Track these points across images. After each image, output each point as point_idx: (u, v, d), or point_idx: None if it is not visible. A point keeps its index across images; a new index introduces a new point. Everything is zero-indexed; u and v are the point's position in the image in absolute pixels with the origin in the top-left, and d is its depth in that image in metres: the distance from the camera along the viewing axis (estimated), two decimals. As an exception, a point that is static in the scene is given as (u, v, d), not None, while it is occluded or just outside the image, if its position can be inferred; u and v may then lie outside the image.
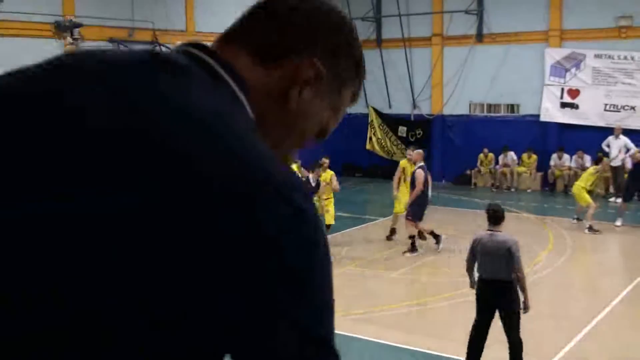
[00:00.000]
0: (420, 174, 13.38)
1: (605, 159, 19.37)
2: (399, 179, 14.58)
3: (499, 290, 7.37)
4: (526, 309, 7.48)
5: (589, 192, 16.02)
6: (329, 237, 15.77)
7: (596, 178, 16.47)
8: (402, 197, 14.18)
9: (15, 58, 12.01)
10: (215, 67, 1.13)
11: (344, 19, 1.32)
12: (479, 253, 7.49)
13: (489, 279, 7.39)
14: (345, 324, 9.62)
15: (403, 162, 14.96)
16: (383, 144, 23.96)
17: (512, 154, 21.59)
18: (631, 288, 11.32)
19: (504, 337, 7.47)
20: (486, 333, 7.54)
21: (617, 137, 19.25)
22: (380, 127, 24.18)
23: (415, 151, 14.30)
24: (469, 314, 7.62)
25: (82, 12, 16.46)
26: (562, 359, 8.32)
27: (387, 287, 11.87)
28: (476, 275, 7.75)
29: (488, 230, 7.57)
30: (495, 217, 7.54)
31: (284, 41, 1.20)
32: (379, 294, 11.51)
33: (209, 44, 1.29)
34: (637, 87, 20.14)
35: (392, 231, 14.64)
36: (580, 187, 15.85)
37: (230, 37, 1.25)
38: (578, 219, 16.14)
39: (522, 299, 7.46)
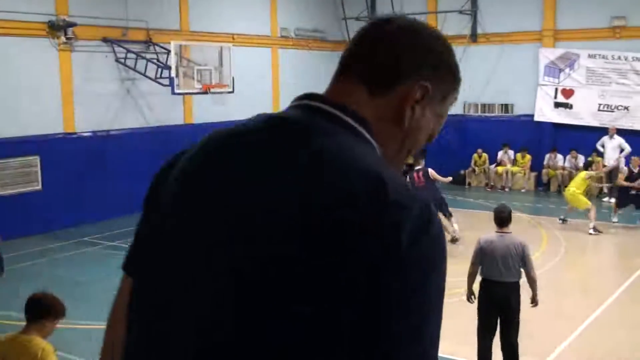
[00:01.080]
0: None
1: (598, 159, 19.47)
2: None
3: (508, 293, 7.26)
4: (536, 303, 7.51)
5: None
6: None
7: (589, 184, 16.34)
8: None
9: (8, 57, 12.00)
10: (332, 110, 1.31)
11: (439, 35, 1.47)
12: (488, 255, 7.28)
13: (499, 281, 7.24)
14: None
15: None
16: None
17: (511, 152, 21.64)
18: (625, 288, 11.34)
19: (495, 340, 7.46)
20: (494, 336, 7.46)
21: (611, 137, 19.29)
22: (375, 126, 24.19)
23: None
24: (463, 314, 7.61)
25: (75, 11, 16.38)
26: (557, 358, 8.33)
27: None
28: (479, 278, 7.59)
29: (497, 232, 7.43)
30: (502, 218, 7.42)
31: (393, 71, 1.35)
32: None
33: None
34: (631, 87, 20.18)
35: None
36: (574, 193, 15.72)
37: (345, 72, 1.40)
38: (564, 220, 16.11)
39: (527, 296, 7.45)
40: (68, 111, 16.71)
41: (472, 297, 7.56)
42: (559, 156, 20.91)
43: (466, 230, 14.78)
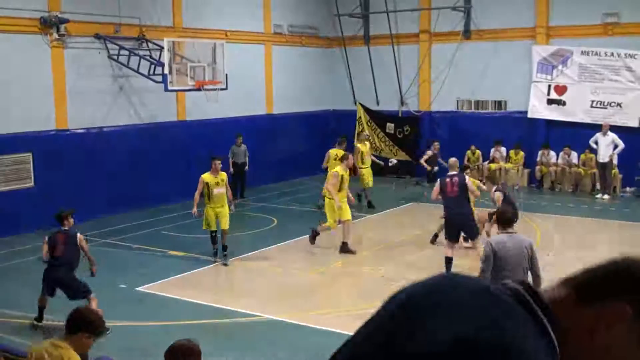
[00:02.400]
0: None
1: (591, 155, 19.53)
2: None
3: None
4: None
5: None
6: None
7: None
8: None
9: (0, 54, 11.84)
10: (529, 302, 1.35)
11: None
12: (500, 258, 7.02)
13: None
14: (336, 322, 9.61)
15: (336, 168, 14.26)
16: (371, 140, 23.96)
17: (503, 149, 21.65)
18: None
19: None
20: None
21: (604, 134, 19.30)
22: (368, 123, 24.17)
23: (452, 159, 13.01)
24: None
25: (68, 7, 16.31)
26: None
27: (377, 283, 11.87)
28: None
29: (504, 232, 7.23)
30: (507, 219, 7.26)
31: (605, 287, 1.38)
32: (370, 291, 11.50)
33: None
34: (623, 83, 20.22)
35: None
36: None
37: (567, 277, 1.45)
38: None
39: None
40: (61, 108, 16.65)
41: None
42: (552, 153, 20.96)
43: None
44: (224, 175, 13.10)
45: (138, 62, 17.30)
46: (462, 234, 12.36)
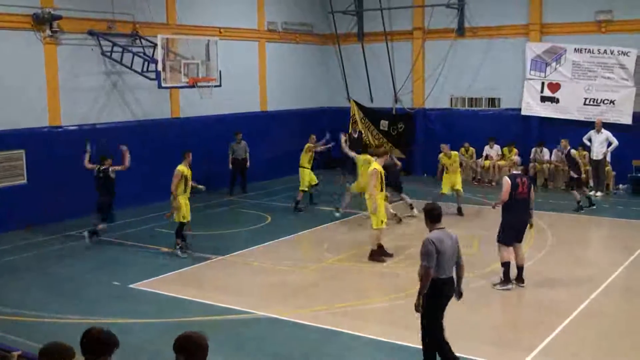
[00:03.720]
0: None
1: (584, 153, 19.58)
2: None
3: (452, 286, 7.37)
4: (461, 295, 7.54)
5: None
6: (311, 231, 15.73)
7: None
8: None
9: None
10: None
11: None
12: (442, 254, 7.13)
13: (450, 277, 7.30)
14: (328, 318, 9.61)
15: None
16: (365, 137, 23.95)
17: (497, 147, 21.67)
18: (610, 280, 11.42)
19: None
20: None
21: (598, 131, 19.34)
22: (362, 120, 24.17)
23: (516, 157, 12.54)
24: (451, 308, 7.61)
25: (61, 3, 16.23)
26: (543, 351, 8.37)
27: (370, 280, 11.88)
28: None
29: (438, 228, 7.31)
30: (436, 215, 7.34)
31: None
32: (361, 288, 11.51)
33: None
34: (616, 81, 20.27)
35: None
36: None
37: None
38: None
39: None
40: (54, 105, 16.59)
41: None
42: (545, 150, 21.01)
43: (452, 226, 14.80)
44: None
45: (131, 59, 17.25)
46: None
